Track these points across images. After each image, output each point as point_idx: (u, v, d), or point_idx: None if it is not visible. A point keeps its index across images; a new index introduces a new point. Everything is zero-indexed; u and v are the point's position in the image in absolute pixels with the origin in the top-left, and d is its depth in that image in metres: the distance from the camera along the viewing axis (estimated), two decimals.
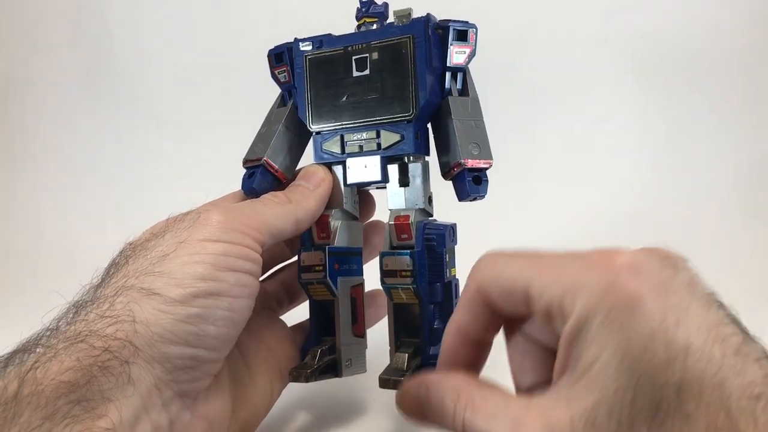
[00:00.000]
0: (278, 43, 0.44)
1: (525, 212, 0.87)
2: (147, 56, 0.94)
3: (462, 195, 0.39)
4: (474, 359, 0.32)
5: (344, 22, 0.85)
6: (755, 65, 0.90)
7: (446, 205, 0.42)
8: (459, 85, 0.40)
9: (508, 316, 0.30)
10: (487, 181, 0.39)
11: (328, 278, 0.40)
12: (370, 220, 0.46)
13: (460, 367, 0.32)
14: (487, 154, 0.39)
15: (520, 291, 0.28)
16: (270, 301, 0.44)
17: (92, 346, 0.28)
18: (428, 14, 0.39)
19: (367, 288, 0.44)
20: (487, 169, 0.39)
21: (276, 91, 0.44)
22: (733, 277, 0.33)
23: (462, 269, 0.40)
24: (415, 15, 0.39)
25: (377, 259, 0.40)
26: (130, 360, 0.29)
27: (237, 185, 0.43)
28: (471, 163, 0.38)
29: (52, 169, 0.92)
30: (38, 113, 0.94)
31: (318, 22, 0.86)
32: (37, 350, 0.28)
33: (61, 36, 0.94)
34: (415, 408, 0.31)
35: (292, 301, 0.45)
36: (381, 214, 0.44)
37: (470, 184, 0.38)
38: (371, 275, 0.43)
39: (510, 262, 0.29)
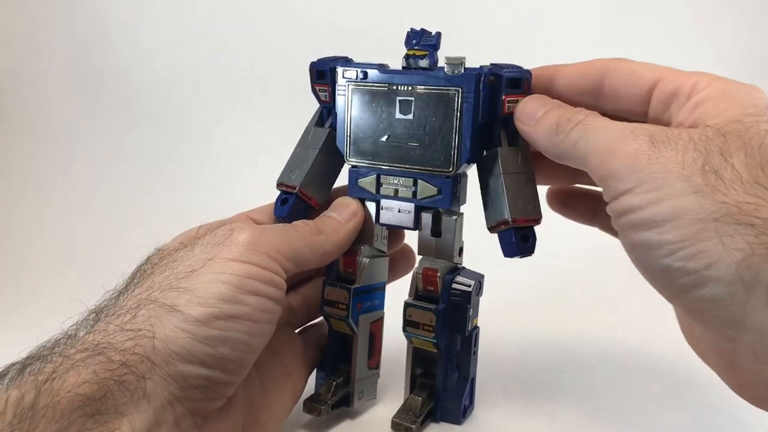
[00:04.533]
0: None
1: None
2: (147, 56, 0.93)
3: (509, 253, 0.37)
4: None
5: (344, 23, 0.86)
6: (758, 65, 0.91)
7: None
8: (509, 133, 0.38)
9: (607, 99, 0.36)
10: (535, 238, 0.37)
11: (350, 318, 0.41)
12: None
13: None
14: (535, 210, 0.37)
15: (649, 79, 0.34)
16: (292, 317, 0.43)
17: (110, 360, 0.28)
18: (482, 68, 0.37)
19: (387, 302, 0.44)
20: (535, 226, 0.38)
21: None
22: None
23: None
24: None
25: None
26: (146, 375, 0.29)
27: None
28: (519, 221, 0.37)
29: (52, 169, 0.90)
30: (38, 113, 0.92)
31: (319, 22, 0.87)
32: (54, 359, 0.28)
33: (61, 36, 0.93)
34: (541, 101, 0.36)
35: (311, 318, 0.45)
36: (409, 239, 0.45)
37: (518, 242, 0.37)
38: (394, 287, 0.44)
39: (645, 63, 0.35)
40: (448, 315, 0.39)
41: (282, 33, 0.88)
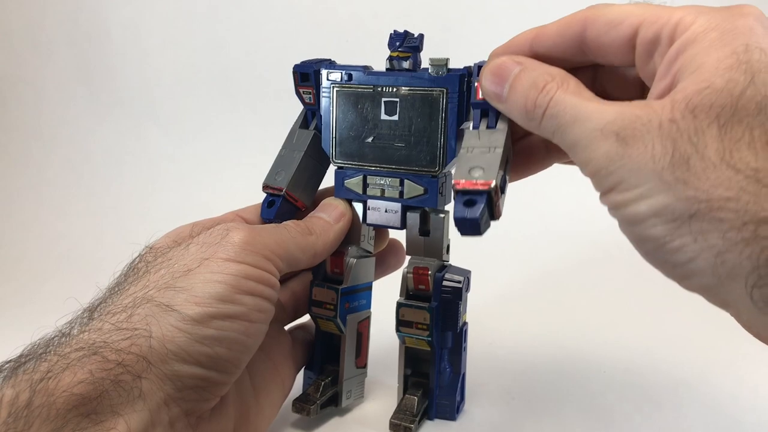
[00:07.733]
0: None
1: (534, 209, 0.85)
2: (147, 56, 0.94)
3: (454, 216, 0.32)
4: None
5: (343, 22, 0.86)
6: None
7: None
8: (492, 123, 0.35)
9: (593, 54, 0.33)
10: (483, 206, 0.32)
11: (338, 319, 0.41)
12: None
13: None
14: (490, 175, 0.32)
15: (628, 26, 0.31)
16: (280, 313, 0.43)
17: (105, 359, 0.28)
18: (465, 69, 0.37)
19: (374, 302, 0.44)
20: (485, 191, 0.32)
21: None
22: None
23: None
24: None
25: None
26: (142, 375, 0.29)
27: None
28: (462, 184, 0.32)
29: (52, 169, 0.90)
30: (38, 113, 0.92)
31: (318, 23, 0.87)
32: (49, 358, 0.28)
33: (61, 36, 0.93)
34: (499, 78, 0.33)
35: (298, 314, 0.45)
36: (398, 234, 0.44)
37: (460, 206, 0.32)
38: (382, 283, 0.44)
39: (625, 6, 0.32)
40: (440, 312, 0.40)
41: (282, 33, 0.89)
